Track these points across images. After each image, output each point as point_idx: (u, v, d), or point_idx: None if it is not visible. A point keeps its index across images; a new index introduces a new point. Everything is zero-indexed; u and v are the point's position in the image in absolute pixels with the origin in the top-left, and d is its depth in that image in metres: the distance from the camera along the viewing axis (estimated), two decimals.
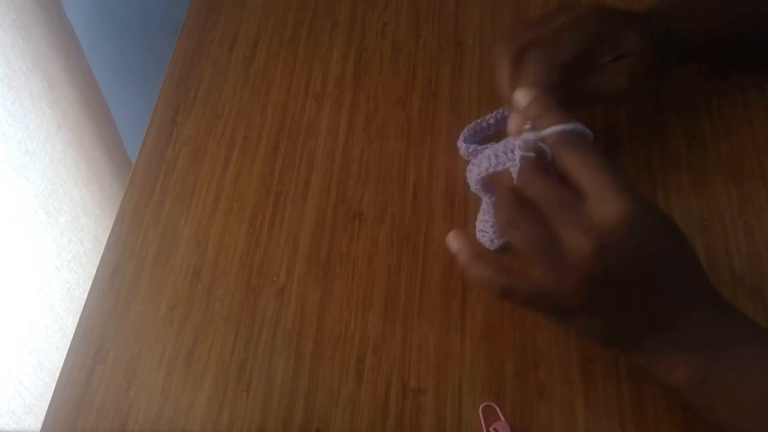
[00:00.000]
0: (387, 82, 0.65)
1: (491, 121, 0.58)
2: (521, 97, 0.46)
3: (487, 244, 0.54)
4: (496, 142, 0.49)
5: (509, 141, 0.47)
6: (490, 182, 0.51)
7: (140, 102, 0.88)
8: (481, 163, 0.49)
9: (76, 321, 0.56)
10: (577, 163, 0.41)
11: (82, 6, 0.81)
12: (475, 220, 0.55)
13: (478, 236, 0.54)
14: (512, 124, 0.47)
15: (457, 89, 0.64)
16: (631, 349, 0.45)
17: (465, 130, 0.58)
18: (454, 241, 0.47)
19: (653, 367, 0.44)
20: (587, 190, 0.40)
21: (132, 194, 0.62)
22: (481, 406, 0.48)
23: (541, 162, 0.43)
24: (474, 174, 0.50)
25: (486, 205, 0.53)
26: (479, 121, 0.58)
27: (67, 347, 0.55)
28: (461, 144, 0.58)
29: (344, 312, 0.53)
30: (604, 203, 0.39)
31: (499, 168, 0.47)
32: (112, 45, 0.88)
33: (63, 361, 0.54)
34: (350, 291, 0.54)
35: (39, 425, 0.53)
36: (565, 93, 0.47)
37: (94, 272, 0.58)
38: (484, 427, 0.48)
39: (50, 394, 0.53)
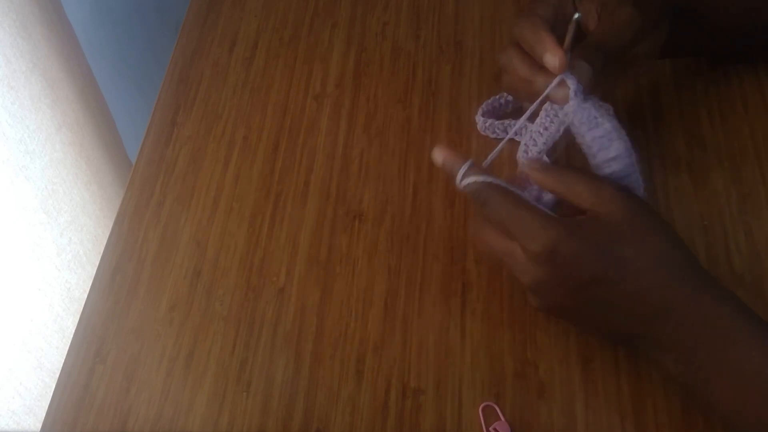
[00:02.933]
0: (387, 82, 0.65)
1: (510, 98, 0.58)
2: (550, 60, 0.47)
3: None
4: (515, 119, 0.50)
5: (548, 111, 0.48)
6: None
7: (140, 102, 0.88)
8: (536, 142, 0.49)
9: (76, 321, 0.56)
10: (494, 218, 0.45)
11: (82, 6, 0.81)
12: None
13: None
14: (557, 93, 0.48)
15: (457, 89, 0.64)
16: (621, 344, 0.48)
17: (483, 105, 0.59)
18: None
19: (648, 356, 0.46)
20: (513, 236, 0.44)
21: (132, 194, 0.62)
22: (481, 406, 0.48)
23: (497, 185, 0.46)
24: (534, 152, 0.50)
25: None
26: (497, 97, 0.59)
27: (67, 347, 0.55)
28: (479, 118, 0.58)
29: (344, 312, 0.53)
30: (525, 244, 0.43)
31: (557, 137, 0.48)
32: (112, 45, 0.88)
33: (63, 361, 0.54)
34: (350, 291, 0.54)
35: (39, 425, 0.53)
36: (585, 58, 0.48)
37: (94, 272, 0.58)
38: (484, 427, 0.48)
39: (50, 394, 0.53)
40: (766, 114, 0.58)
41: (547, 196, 0.48)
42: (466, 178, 0.46)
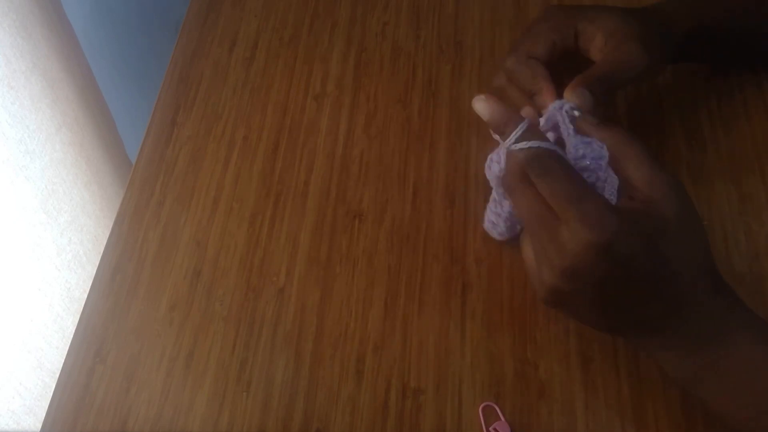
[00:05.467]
0: (387, 82, 0.65)
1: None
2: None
3: (496, 236, 0.53)
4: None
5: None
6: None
7: (140, 102, 0.88)
8: (501, 159, 0.47)
9: (76, 321, 0.56)
10: (548, 190, 0.42)
11: (82, 6, 0.81)
12: (484, 210, 0.53)
13: (486, 226, 0.54)
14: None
15: (457, 89, 0.64)
16: (624, 338, 0.47)
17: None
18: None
19: (651, 355, 0.46)
20: (560, 216, 0.41)
21: (132, 194, 0.62)
22: (481, 406, 0.48)
23: (524, 173, 0.43)
24: (495, 170, 0.48)
25: (497, 196, 0.51)
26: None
27: (67, 347, 0.55)
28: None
29: (344, 312, 0.53)
30: (581, 229, 0.40)
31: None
32: (112, 45, 0.88)
33: (63, 361, 0.54)
34: (350, 291, 0.54)
35: (39, 425, 0.53)
36: (588, 88, 0.47)
37: (94, 272, 0.58)
38: (484, 427, 0.48)
39: (50, 394, 0.53)
40: (766, 114, 0.58)
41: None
42: (523, 141, 0.42)
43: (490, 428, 0.48)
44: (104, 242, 0.60)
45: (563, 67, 0.51)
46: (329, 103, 0.65)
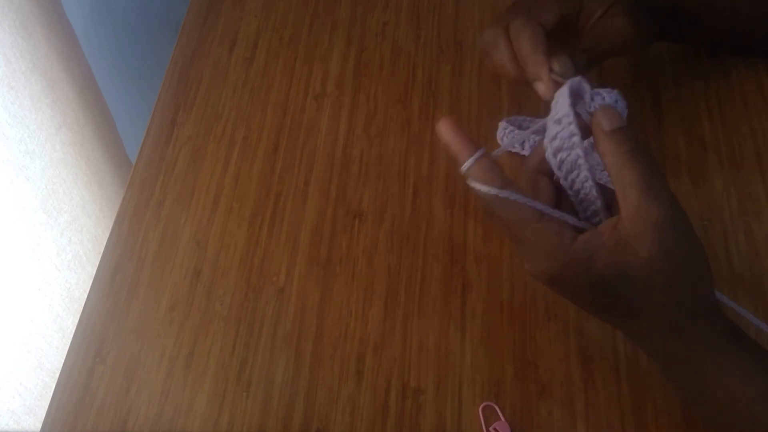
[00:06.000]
0: (387, 82, 0.65)
1: (532, 125, 0.55)
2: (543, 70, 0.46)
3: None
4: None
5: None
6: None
7: (140, 102, 0.88)
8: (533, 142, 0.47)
9: (76, 321, 0.56)
10: (499, 227, 0.42)
11: (82, 6, 0.81)
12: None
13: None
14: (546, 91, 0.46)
15: (457, 89, 0.64)
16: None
17: (511, 117, 0.58)
18: (445, 131, 0.42)
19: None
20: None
21: (132, 194, 0.62)
22: (481, 406, 0.48)
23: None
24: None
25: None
26: (525, 119, 0.58)
27: (67, 347, 0.55)
28: (504, 124, 0.58)
29: (344, 312, 0.53)
30: (528, 266, 0.41)
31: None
32: (112, 45, 0.88)
33: (63, 361, 0.54)
34: (350, 291, 0.54)
35: (39, 425, 0.53)
36: (570, 57, 0.47)
37: (94, 272, 0.58)
38: (484, 427, 0.48)
39: (50, 394, 0.53)
40: (766, 114, 0.58)
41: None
42: (472, 180, 0.41)
43: (490, 428, 0.48)
44: (104, 242, 0.60)
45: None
46: (329, 103, 0.65)
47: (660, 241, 0.37)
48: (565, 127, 0.42)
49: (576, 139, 0.41)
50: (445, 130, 0.42)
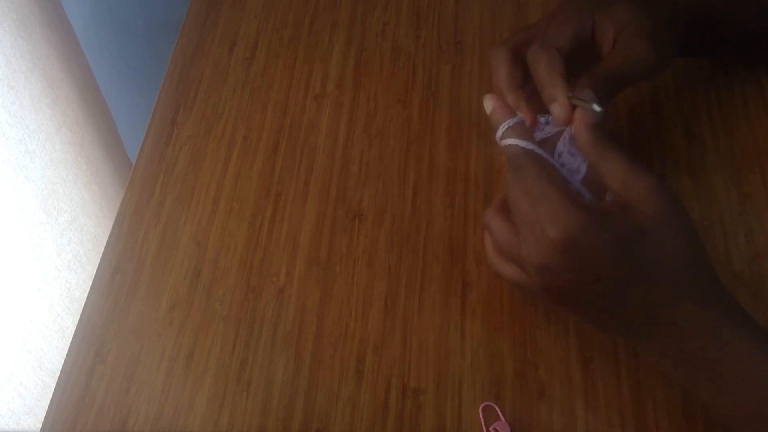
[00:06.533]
0: (387, 82, 0.65)
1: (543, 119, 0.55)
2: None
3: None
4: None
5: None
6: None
7: (140, 102, 0.88)
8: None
9: (76, 321, 0.56)
10: (521, 187, 0.43)
11: (82, 6, 0.81)
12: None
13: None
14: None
15: (457, 89, 0.64)
16: (622, 337, 0.47)
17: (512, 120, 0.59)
18: (489, 102, 0.47)
19: (648, 358, 0.46)
20: (536, 211, 0.42)
21: (132, 194, 0.62)
22: (481, 406, 0.48)
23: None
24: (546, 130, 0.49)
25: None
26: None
27: (67, 347, 0.55)
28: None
29: (344, 312, 0.53)
30: (546, 225, 0.41)
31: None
32: (112, 45, 0.88)
33: (63, 361, 0.54)
34: (350, 291, 0.54)
35: (39, 425, 0.53)
36: (588, 84, 0.47)
37: (94, 272, 0.58)
38: (484, 427, 0.48)
39: (50, 394, 0.53)
40: (766, 114, 0.58)
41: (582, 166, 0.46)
42: (507, 138, 0.45)
43: (490, 428, 0.48)
44: (104, 242, 0.60)
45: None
46: (329, 103, 0.65)
47: (661, 198, 0.41)
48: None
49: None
50: (489, 101, 0.47)
